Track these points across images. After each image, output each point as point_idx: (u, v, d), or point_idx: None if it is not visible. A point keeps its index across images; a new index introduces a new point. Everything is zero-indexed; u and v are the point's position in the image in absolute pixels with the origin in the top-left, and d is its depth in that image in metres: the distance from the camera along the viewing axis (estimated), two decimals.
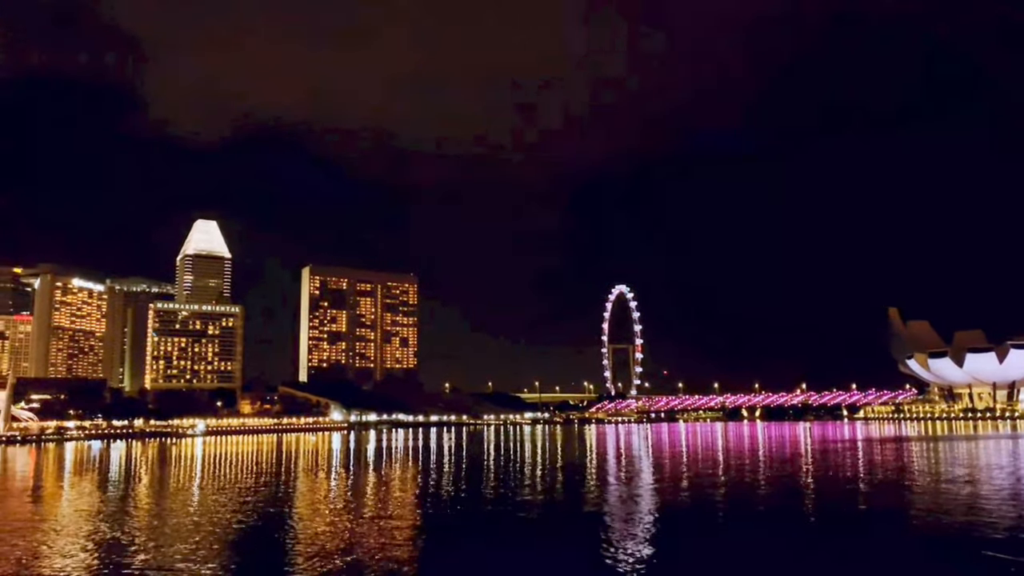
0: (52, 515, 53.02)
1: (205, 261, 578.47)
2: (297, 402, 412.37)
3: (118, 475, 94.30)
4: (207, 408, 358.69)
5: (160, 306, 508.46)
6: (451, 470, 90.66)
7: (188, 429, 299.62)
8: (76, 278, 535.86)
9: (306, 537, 41.00)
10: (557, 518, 49.22)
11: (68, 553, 36.43)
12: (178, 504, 59.16)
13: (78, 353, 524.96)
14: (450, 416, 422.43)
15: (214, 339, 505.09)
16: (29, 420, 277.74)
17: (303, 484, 76.07)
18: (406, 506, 55.34)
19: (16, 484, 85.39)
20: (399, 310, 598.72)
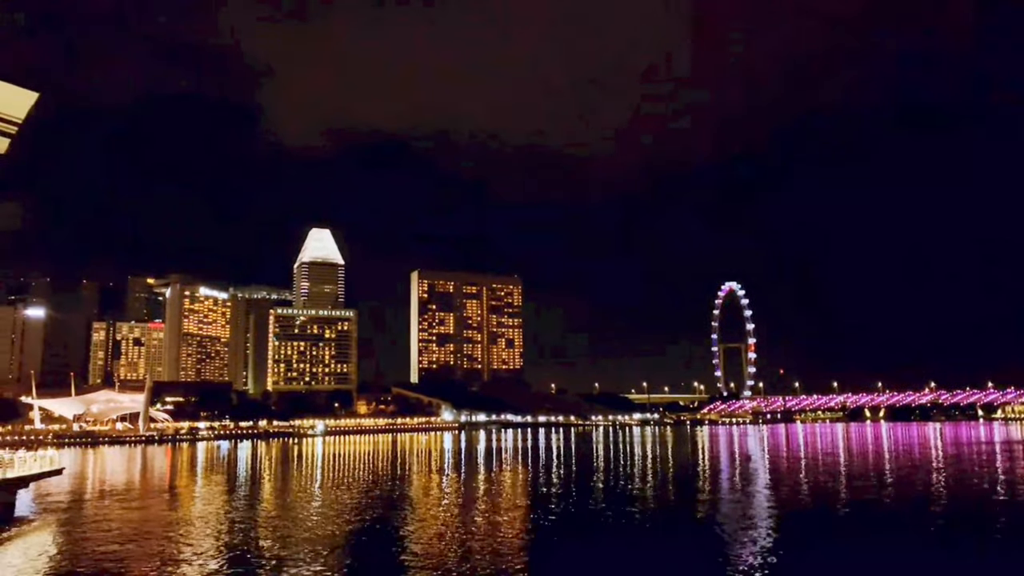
0: (187, 514, 55.98)
1: (320, 268, 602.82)
2: (409, 402, 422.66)
3: (246, 474, 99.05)
4: (325, 409, 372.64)
5: (279, 312, 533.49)
6: (562, 471, 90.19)
7: (308, 429, 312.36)
8: (203, 287, 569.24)
9: (422, 537, 41.50)
10: (669, 521, 47.89)
11: (202, 552, 38.23)
12: (302, 503, 61.31)
13: (206, 358, 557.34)
14: (558, 417, 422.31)
15: (330, 343, 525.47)
16: (165, 421, 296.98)
17: (418, 484, 77.47)
18: (518, 506, 55.29)
19: (155, 483, 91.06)
20: (504, 312, 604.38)
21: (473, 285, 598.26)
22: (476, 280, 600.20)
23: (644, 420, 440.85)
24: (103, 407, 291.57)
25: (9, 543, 41.61)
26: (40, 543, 41.84)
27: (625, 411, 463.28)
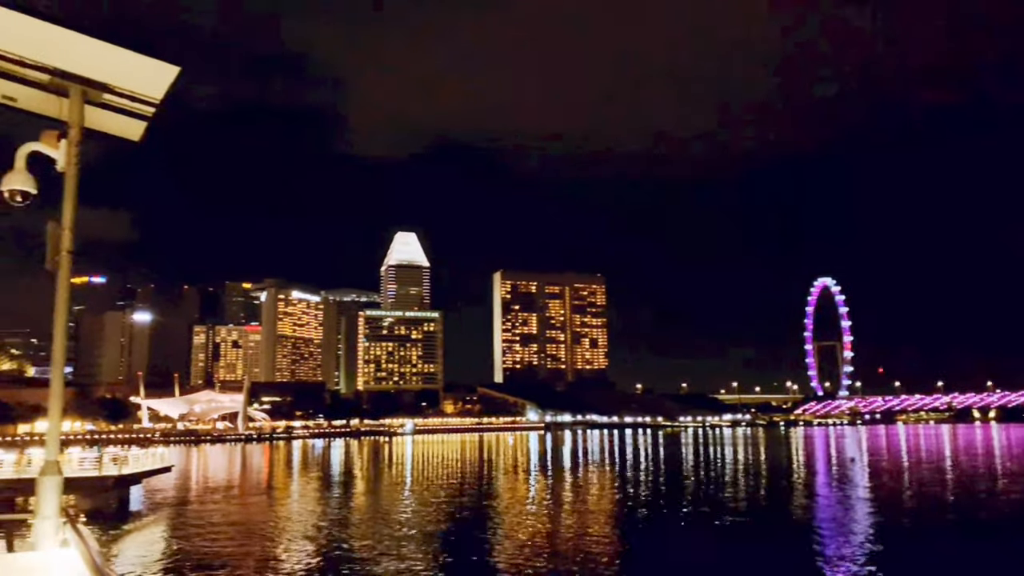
0: (285, 512, 57.89)
1: (406, 271, 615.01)
2: (495, 402, 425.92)
3: (339, 472, 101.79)
4: (413, 408, 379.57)
5: (368, 314, 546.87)
6: (650, 472, 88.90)
7: (398, 428, 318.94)
8: (295, 291, 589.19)
9: (512, 537, 41.60)
10: (762, 525, 46.41)
11: (299, 549, 39.42)
12: (394, 501, 62.49)
13: (300, 359, 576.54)
14: (644, 417, 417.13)
15: (417, 343, 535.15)
16: (263, 420, 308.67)
17: (506, 484, 77.78)
18: (606, 507, 54.77)
19: (254, 480, 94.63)
20: (587, 311, 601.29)
21: (556, 285, 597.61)
22: (559, 280, 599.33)
23: (735, 421, 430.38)
24: (205, 407, 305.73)
25: (127, 536, 43.97)
26: (154, 537, 44.04)
27: (714, 412, 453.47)
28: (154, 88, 5.68)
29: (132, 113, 5.99)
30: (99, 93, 5.66)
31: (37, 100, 5.76)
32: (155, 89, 5.69)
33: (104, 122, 5.94)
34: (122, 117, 6.00)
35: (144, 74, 5.50)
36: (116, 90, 5.69)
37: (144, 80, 5.58)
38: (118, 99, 5.78)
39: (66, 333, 5.57)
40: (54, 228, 5.43)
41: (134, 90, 5.71)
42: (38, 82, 5.58)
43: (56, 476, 5.76)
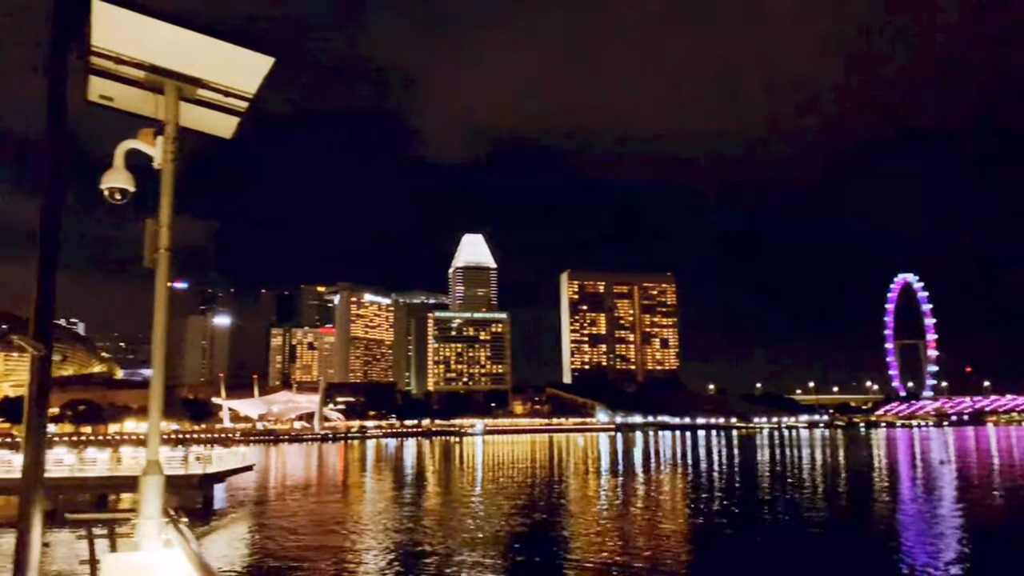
0: (360, 510, 58.90)
1: (474, 272, 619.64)
2: (564, 403, 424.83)
3: (412, 471, 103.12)
4: (482, 409, 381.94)
5: (437, 315, 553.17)
6: (724, 474, 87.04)
7: (468, 428, 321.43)
8: (367, 294, 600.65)
9: (583, 538, 41.27)
10: (843, 532, 44.75)
11: (375, 546, 40.01)
12: (465, 501, 62.87)
13: (372, 360, 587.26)
14: (717, 419, 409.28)
15: (485, 344, 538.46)
16: (338, 420, 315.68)
17: (577, 485, 77.35)
18: (679, 510, 53.82)
19: (330, 479, 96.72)
20: (657, 311, 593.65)
21: (624, 284, 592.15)
22: (627, 279, 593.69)
23: (812, 422, 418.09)
24: (283, 407, 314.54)
25: (212, 533, 45.44)
26: (238, 534, 45.39)
27: (790, 412, 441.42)
28: (248, 82, 5.66)
29: (225, 109, 5.97)
30: (193, 89, 5.69)
31: (133, 98, 5.78)
32: (249, 83, 5.68)
33: (198, 120, 5.95)
34: (215, 114, 6.00)
35: (238, 67, 5.49)
36: (210, 85, 5.69)
37: (238, 74, 5.57)
38: (212, 95, 5.79)
39: (166, 330, 5.61)
40: (151, 226, 5.46)
41: (228, 85, 5.71)
42: (134, 79, 5.59)
43: (158, 476, 5.69)
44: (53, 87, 4.91)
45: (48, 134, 4.91)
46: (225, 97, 5.83)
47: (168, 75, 5.54)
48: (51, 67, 4.93)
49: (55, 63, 4.94)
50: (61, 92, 4.92)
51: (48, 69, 4.91)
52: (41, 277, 4.75)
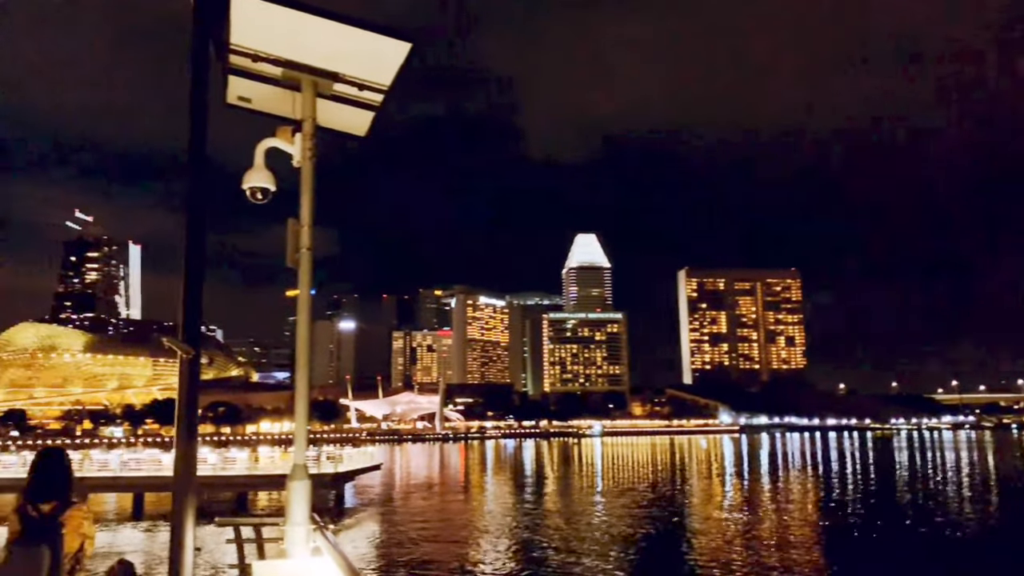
0: (482, 510, 59.51)
1: (588, 272, 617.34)
2: (684, 404, 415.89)
3: (531, 472, 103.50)
4: (600, 410, 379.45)
5: (551, 316, 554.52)
6: (859, 478, 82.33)
7: (586, 429, 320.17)
8: (482, 296, 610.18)
9: (708, 542, 39.94)
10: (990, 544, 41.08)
11: (497, 546, 40.20)
12: (586, 502, 62.37)
13: (488, 361, 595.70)
14: (849, 419, 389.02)
15: (601, 345, 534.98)
16: (457, 420, 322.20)
17: (700, 488, 75.28)
18: (810, 516, 51.17)
19: (452, 479, 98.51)
20: (782, 308, 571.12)
21: (746, 281, 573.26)
22: (749, 276, 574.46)
23: (956, 423, 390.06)
24: (405, 408, 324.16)
25: (345, 531, 47.06)
26: (370, 532, 46.79)
27: (931, 413, 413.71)
28: (383, 72, 5.54)
29: (360, 103, 5.89)
30: (329, 83, 5.63)
31: (270, 98, 5.79)
32: (384, 74, 5.55)
33: (333, 118, 5.91)
34: (350, 109, 5.94)
35: (374, 57, 5.38)
36: (346, 79, 5.61)
37: (374, 64, 5.46)
38: (348, 89, 5.72)
39: (310, 330, 5.55)
40: (293, 225, 5.41)
41: (364, 77, 5.61)
42: (271, 77, 5.60)
43: (305, 480, 5.52)
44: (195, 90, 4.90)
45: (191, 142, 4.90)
46: (360, 91, 5.73)
47: (305, 70, 5.49)
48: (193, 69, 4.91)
49: (197, 65, 4.92)
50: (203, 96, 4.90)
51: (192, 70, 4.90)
52: (188, 286, 4.87)
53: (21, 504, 5.58)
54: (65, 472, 5.83)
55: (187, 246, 4.90)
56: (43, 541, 5.32)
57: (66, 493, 5.68)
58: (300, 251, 5.44)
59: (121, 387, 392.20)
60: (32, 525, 5.45)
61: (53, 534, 5.39)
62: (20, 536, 5.43)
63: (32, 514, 5.50)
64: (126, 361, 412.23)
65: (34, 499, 5.56)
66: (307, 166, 5.52)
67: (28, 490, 5.63)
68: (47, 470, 5.78)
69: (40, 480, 5.70)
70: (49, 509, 5.50)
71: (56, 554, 5.34)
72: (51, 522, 5.44)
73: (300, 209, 5.49)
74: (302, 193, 5.50)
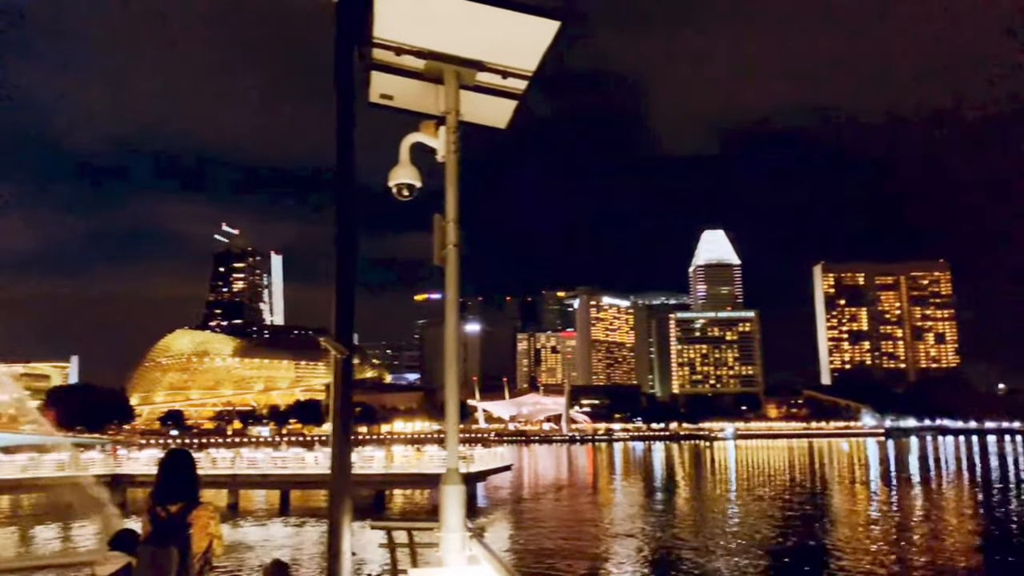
0: (612, 513, 58.88)
1: (716, 270, 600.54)
2: (823, 406, 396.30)
3: (662, 476, 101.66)
4: (732, 412, 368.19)
5: (679, 316, 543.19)
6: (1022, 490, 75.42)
7: (718, 432, 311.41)
8: (605, 297, 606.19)
9: (848, 552, 37.60)
10: None
11: (629, 550, 39.56)
12: (719, 507, 60.48)
13: (614, 363, 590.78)
14: (1011, 422, 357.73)
15: (732, 344, 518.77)
16: (584, 422, 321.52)
17: (842, 495, 71.39)
18: (965, 530, 47.09)
19: (580, 480, 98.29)
20: (930, 303, 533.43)
21: (888, 275, 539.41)
22: (891, 269, 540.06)
23: None
24: (531, 409, 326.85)
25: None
26: (501, 533, 47.28)
27: None
28: (528, 56, 5.37)
29: (504, 92, 5.72)
30: (473, 73, 5.48)
31: (412, 94, 5.67)
32: (530, 57, 5.38)
33: (474, 111, 5.72)
34: (493, 100, 5.78)
35: (519, 41, 5.22)
36: (490, 66, 5.46)
37: (518, 48, 5.31)
38: (491, 77, 5.55)
39: (458, 329, 5.48)
40: (439, 221, 5.31)
41: (508, 64, 5.45)
42: (414, 71, 5.48)
43: (459, 485, 5.25)
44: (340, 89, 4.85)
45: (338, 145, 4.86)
46: (504, 79, 5.56)
47: (448, 60, 5.37)
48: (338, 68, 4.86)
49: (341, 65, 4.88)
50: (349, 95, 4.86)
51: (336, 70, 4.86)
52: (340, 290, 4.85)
53: (150, 505, 5.69)
54: (190, 473, 5.90)
55: (339, 251, 4.86)
56: (171, 542, 5.41)
57: (192, 493, 5.75)
58: (447, 248, 5.33)
59: (267, 389, 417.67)
60: (160, 526, 5.56)
61: (181, 534, 5.47)
62: (150, 537, 5.54)
63: (160, 515, 5.60)
64: (271, 364, 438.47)
65: (161, 500, 5.65)
66: (451, 160, 5.39)
67: (156, 491, 5.72)
68: (173, 471, 5.85)
69: (167, 481, 5.78)
70: (176, 510, 5.59)
71: (184, 554, 5.42)
72: (179, 522, 5.53)
73: (445, 205, 5.37)
74: (447, 188, 5.39)
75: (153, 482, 5.75)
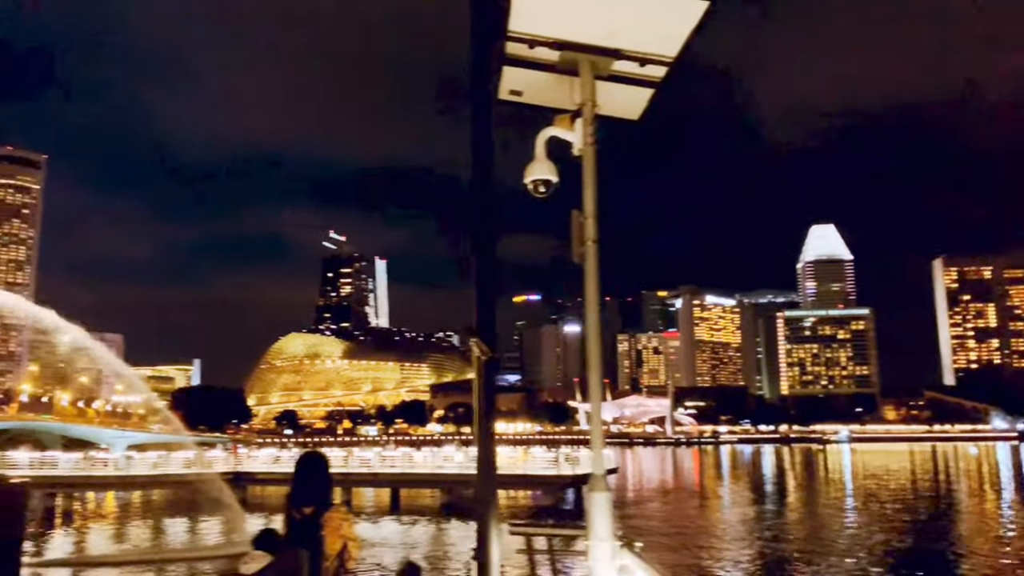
0: (721, 517, 57.40)
1: (826, 266, 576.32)
2: (946, 408, 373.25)
3: (772, 480, 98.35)
4: (846, 414, 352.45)
5: (787, 315, 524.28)
6: None
7: (831, 435, 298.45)
8: (709, 295, 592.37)
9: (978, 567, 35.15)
10: None
11: (741, 555, 38.43)
12: (834, 514, 57.93)
13: (719, 363, 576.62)
14: None
15: (845, 344, 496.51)
16: (689, 424, 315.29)
17: (971, 502, 67.01)
18: None
19: (686, 484, 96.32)
20: None
21: (1018, 268, 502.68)
22: (1022, 262, 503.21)
23: None
24: (634, 411, 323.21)
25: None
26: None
27: None
28: (669, 41, 5.03)
29: (640, 81, 5.42)
30: (609, 62, 5.22)
31: (542, 88, 5.49)
32: (671, 42, 5.03)
33: (606, 102, 5.44)
34: (627, 90, 5.50)
35: (660, 25, 4.93)
36: (627, 54, 5.17)
37: (659, 33, 5.01)
38: (627, 65, 5.27)
39: (599, 327, 5.38)
40: (577, 217, 5.16)
41: (646, 51, 5.14)
42: (547, 63, 5.29)
43: (606, 492, 5.01)
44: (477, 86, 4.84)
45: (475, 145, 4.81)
46: (642, 67, 5.26)
47: (584, 50, 5.13)
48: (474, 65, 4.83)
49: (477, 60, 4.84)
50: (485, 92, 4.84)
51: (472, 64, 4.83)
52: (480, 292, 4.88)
53: (286, 507, 5.77)
54: (323, 475, 5.95)
55: (477, 253, 4.81)
56: (304, 544, 5.44)
57: (325, 496, 5.79)
58: (586, 244, 5.18)
59: (374, 390, 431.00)
60: (296, 528, 5.62)
61: (313, 537, 5.49)
62: (286, 539, 5.61)
63: (296, 517, 5.65)
64: (377, 366, 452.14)
65: (297, 503, 5.70)
66: (588, 153, 5.19)
67: (291, 494, 5.78)
68: (306, 474, 5.90)
69: (301, 484, 5.83)
70: (310, 512, 5.62)
71: (316, 556, 5.44)
72: (312, 525, 5.56)
73: (583, 200, 5.19)
74: (584, 183, 5.21)
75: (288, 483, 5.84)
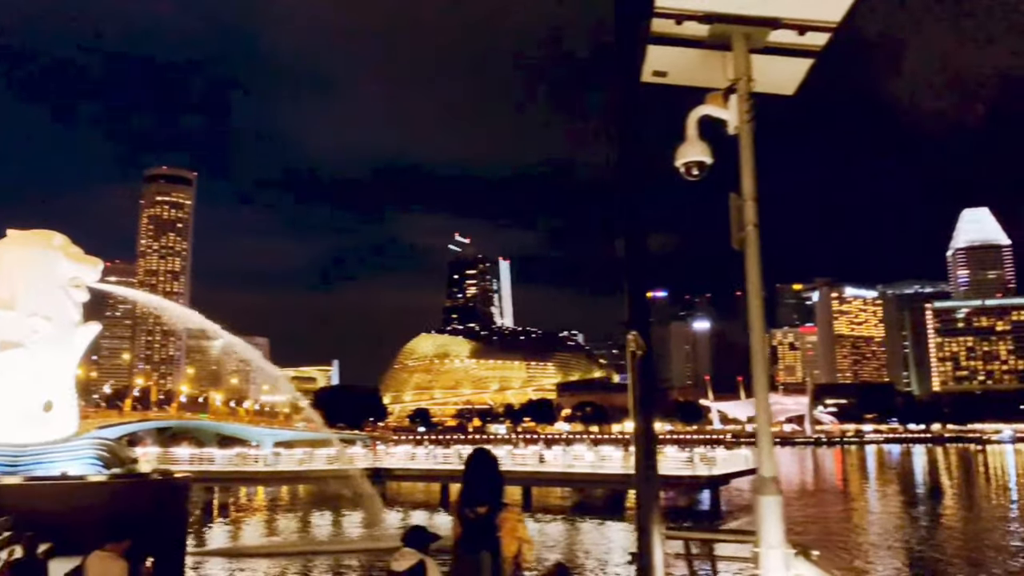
0: (866, 520, 54.38)
1: (980, 252, 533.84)
2: None
3: (923, 482, 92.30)
4: (1009, 412, 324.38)
5: (936, 306, 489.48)
6: None
7: (991, 435, 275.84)
8: (848, 288, 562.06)
9: None
10: None
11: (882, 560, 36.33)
12: (996, 522, 53.54)
13: (860, 359, 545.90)
14: None
15: (1004, 336, 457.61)
16: (830, 423, 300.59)
17: None
18: None
19: (829, 485, 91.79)
20: None
21: None
22: None
23: None
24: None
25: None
26: None
27: None
28: (833, 4, 4.58)
29: (799, 51, 5.00)
30: (764, 32, 4.83)
31: (689, 66, 5.15)
32: (834, 5, 4.59)
33: (759, 77, 5.01)
34: (783, 62, 5.09)
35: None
36: (785, 22, 4.76)
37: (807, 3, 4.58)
38: (785, 35, 4.86)
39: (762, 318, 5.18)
40: (735, 200, 4.87)
41: (807, 16, 4.71)
42: (695, 39, 4.95)
43: (777, 496, 4.69)
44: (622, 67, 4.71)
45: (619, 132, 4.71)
46: (801, 35, 4.82)
47: (737, 21, 4.74)
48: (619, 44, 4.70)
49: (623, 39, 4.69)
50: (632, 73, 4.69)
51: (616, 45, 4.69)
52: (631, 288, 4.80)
53: (459, 506, 5.61)
54: (495, 474, 5.74)
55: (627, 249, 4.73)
56: (484, 546, 5.31)
57: (497, 495, 5.62)
58: (746, 229, 4.95)
59: (501, 388, 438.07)
60: (471, 528, 5.46)
61: (491, 538, 5.34)
62: (461, 539, 5.48)
63: (470, 516, 5.50)
64: (504, 365, 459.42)
65: (469, 502, 5.55)
66: (745, 130, 4.83)
67: (463, 493, 5.64)
68: (477, 471, 5.73)
69: (472, 482, 5.67)
70: (484, 511, 5.47)
71: (496, 558, 5.31)
72: (487, 525, 5.40)
73: (741, 182, 4.85)
74: (742, 163, 4.85)
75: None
